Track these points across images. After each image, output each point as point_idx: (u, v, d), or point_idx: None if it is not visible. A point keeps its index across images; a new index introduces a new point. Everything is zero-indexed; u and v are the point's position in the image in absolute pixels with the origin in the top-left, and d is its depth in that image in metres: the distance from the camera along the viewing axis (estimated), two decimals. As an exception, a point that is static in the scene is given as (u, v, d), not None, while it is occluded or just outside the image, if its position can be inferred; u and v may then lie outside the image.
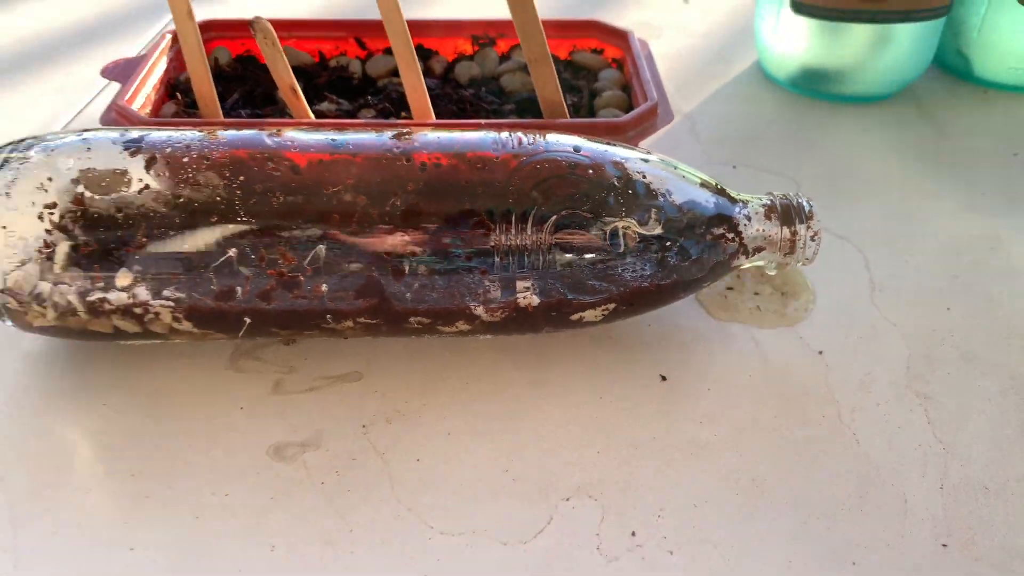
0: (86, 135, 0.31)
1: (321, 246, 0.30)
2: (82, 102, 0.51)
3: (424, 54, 0.45)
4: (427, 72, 0.43)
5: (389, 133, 0.32)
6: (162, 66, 0.41)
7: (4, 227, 0.29)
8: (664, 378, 0.33)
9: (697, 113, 0.51)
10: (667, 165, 0.32)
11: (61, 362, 0.34)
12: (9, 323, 0.31)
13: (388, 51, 0.45)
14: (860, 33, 0.48)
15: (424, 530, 0.28)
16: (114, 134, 0.31)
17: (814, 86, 0.52)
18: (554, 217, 0.30)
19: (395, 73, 0.44)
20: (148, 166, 0.30)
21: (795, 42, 0.50)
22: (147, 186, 0.29)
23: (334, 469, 0.30)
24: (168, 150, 0.30)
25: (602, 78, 0.43)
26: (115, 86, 0.52)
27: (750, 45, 0.58)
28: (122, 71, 0.39)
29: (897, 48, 0.49)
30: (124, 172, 0.30)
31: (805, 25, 0.49)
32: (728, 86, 0.54)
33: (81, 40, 0.58)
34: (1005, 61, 0.52)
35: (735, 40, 0.59)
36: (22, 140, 0.31)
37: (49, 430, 0.31)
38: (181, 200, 0.29)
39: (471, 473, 0.30)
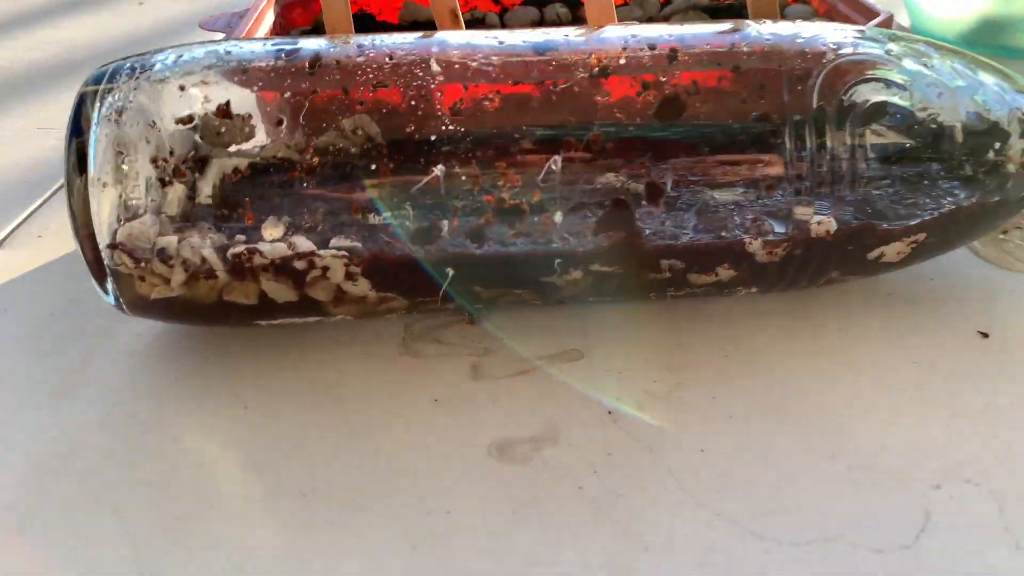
0: (227, 45, 0.24)
1: (556, 157, 0.22)
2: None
3: (573, 4, 0.38)
4: (579, 22, 0.37)
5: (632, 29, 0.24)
6: (269, 19, 0.34)
7: (121, 152, 0.21)
8: (985, 335, 0.25)
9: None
10: (974, 66, 0.25)
11: (173, 361, 0.25)
12: (112, 300, 0.23)
13: (525, 3, 0.38)
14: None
15: (753, 540, 0.19)
16: (265, 44, 0.24)
17: (987, 41, 0.45)
18: (866, 123, 0.22)
19: (535, 26, 0.37)
20: (311, 65, 0.22)
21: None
22: (314, 90, 0.22)
23: (590, 468, 0.21)
24: (335, 50, 0.23)
25: (788, 13, 0.36)
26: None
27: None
28: (225, 24, 0.32)
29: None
30: (250, 117, 0.22)
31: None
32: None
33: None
34: None
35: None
36: (143, 54, 0.23)
37: (166, 447, 0.22)
38: (362, 112, 0.22)
39: (782, 462, 0.21)
